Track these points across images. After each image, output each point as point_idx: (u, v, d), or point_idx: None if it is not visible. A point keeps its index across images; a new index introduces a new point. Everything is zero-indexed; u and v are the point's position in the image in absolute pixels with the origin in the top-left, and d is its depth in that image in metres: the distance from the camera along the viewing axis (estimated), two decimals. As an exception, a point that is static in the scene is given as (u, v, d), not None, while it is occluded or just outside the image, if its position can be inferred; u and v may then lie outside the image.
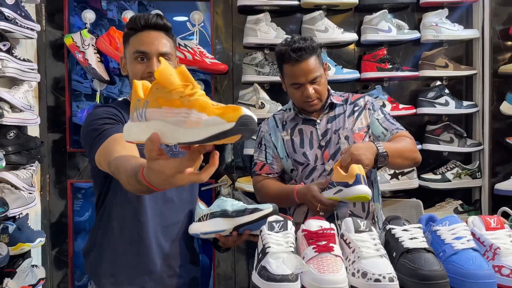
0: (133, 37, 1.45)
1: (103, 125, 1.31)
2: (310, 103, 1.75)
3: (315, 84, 1.73)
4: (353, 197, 1.46)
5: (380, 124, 1.80)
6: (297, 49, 1.68)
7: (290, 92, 1.80)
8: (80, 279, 2.94)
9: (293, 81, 1.74)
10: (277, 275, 1.02)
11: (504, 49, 2.57)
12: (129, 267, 1.43)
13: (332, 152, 1.77)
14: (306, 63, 1.69)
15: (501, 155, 2.58)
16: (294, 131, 1.83)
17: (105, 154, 1.20)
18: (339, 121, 1.80)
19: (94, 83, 2.62)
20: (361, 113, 1.82)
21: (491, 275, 1.05)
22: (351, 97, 1.87)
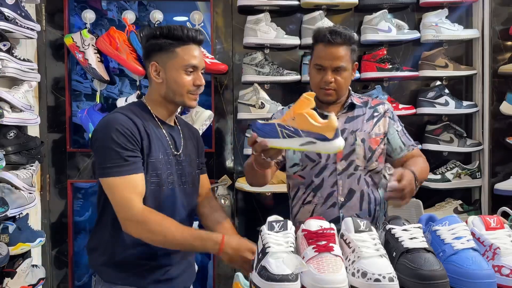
0: (181, 48, 1.49)
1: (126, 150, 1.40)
2: (326, 91, 1.71)
3: (337, 74, 1.70)
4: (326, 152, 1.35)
5: (400, 137, 1.80)
6: (334, 32, 1.68)
7: (311, 75, 1.76)
8: (80, 279, 2.94)
9: (318, 61, 1.70)
10: (277, 275, 1.02)
11: (504, 49, 2.57)
12: (132, 262, 1.47)
13: (346, 152, 1.73)
14: (337, 49, 1.67)
15: (501, 155, 2.58)
16: None
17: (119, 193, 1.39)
18: (357, 123, 1.77)
19: (94, 83, 2.62)
20: (380, 119, 1.80)
21: (491, 275, 1.05)
22: (371, 101, 1.85)
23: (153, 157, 1.46)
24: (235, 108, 2.62)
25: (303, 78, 2.55)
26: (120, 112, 1.48)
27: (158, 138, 1.50)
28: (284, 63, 2.63)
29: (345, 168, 1.73)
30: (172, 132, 1.58)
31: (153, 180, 1.46)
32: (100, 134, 1.44)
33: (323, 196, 1.74)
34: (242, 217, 2.68)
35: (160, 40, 1.50)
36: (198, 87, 1.53)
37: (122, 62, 2.50)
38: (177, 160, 1.55)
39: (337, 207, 1.73)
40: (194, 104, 1.55)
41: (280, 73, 2.52)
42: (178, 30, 1.48)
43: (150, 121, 1.51)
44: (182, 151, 1.58)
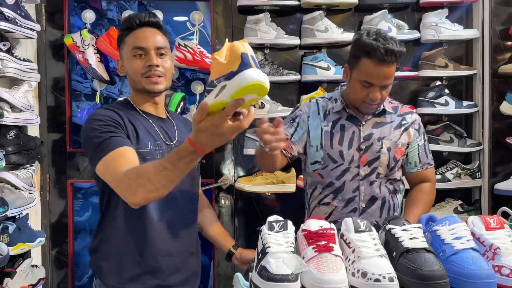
0: (129, 36, 1.49)
1: (106, 133, 1.35)
2: (371, 105, 1.67)
3: (384, 89, 1.65)
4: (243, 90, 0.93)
5: (419, 152, 1.79)
6: (391, 52, 1.57)
7: (354, 87, 1.67)
8: (80, 279, 2.95)
9: (367, 79, 1.62)
10: (277, 275, 1.02)
11: (504, 49, 2.57)
12: (134, 265, 1.45)
13: (370, 158, 1.71)
14: (389, 68, 1.60)
15: (501, 155, 2.58)
16: (336, 124, 1.75)
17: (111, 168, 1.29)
18: (385, 129, 1.74)
19: (94, 83, 2.62)
20: (407, 129, 1.77)
21: (491, 275, 1.05)
22: (400, 108, 1.81)
23: (141, 147, 1.44)
24: (235, 108, 2.61)
25: (303, 78, 2.55)
26: (103, 107, 1.50)
27: (145, 129, 1.48)
28: (284, 63, 2.63)
29: (368, 174, 1.72)
30: (162, 124, 1.56)
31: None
32: (83, 130, 1.44)
33: (344, 200, 1.72)
34: (242, 217, 2.68)
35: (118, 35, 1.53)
36: (150, 68, 1.46)
37: (122, 62, 2.50)
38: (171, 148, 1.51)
39: (357, 213, 1.71)
40: (155, 87, 1.48)
41: (280, 73, 2.52)
42: (125, 21, 1.50)
43: (135, 114, 1.51)
44: (177, 141, 1.55)
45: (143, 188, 1.21)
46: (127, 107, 1.53)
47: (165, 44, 1.52)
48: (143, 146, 1.45)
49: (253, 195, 2.61)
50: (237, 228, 2.67)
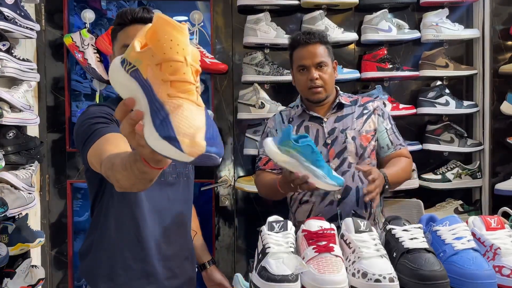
0: (121, 32, 1.43)
1: (95, 124, 1.28)
2: (314, 89, 1.78)
3: (320, 71, 1.77)
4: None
5: (388, 135, 1.85)
6: (307, 33, 1.79)
7: (297, 80, 1.83)
8: (80, 279, 2.94)
9: (300, 63, 1.79)
10: (277, 275, 1.02)
11: (505, 49, 2.57)
12: (127, 270, 1.41)
13: (338, 150, 1.79)
14: (314, 47, 1.77)
15: (501, 155, 2.57)
16: (300, 128, 1.85)
17: (97, 154, 1.17)
18: (346, 121, 1.83)
19: (94, 83, 2.62)
20: (370, 116, 1.85)
21: (492, 275, 1.05)
22: (360, 99, 1.90)
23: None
24: (235, 108, 2.62)
25: (303, 78, 2.55)
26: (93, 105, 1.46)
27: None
28: (284, 63, 2.62)
29: (339, 165, 1.78)
30: None
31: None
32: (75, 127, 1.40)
33: (320, 195, 1.77)
34: (242, 217, 2.68)
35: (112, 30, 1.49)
36: None
37: (121, 62, 2.49)
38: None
39: (334, 204, 1.77)
40: None
41: (280, 73, 2.52)
42: (118, 16, 1.44)
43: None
44: None
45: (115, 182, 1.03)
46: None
47: None
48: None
49: (253, 195, 2.61)
50: (237, 228, 2.67)
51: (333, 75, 1.83)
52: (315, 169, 1.51)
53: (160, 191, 1.44)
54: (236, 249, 2.66)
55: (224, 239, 2.67)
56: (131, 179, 0.94)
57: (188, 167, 1.56)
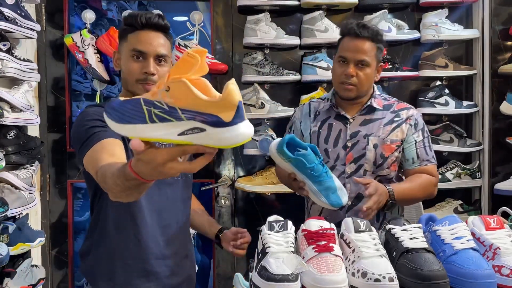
0: (132, 34, 1.42)
1: (92, 127, 1.28)
2: (346, 86, 1.68)
3: (360, 69, 1.66)
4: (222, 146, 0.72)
5: (416, 148, 1.73)
6: (362, 26, 1.66)
7: (333, 69, 1.74)
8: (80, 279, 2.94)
9: (342, 53, 1.69)
10: (277, 275, 1.02)
11: (504, 49, 2.57)
12: (126, 269, 1.41)
13: (356, 155, 1.70)
14: (363, 42, 1.66)
15: (501, 155, 2.58)
16: (324, 124, 1.77)
17: (93, 161, 1.18)
18: (373, 126, 1.72)
19: (94, 83, 2.62)
20: (400, 125, 1.73)
21: (491, 275, 1.05)
22: (396, 105, 1.78)
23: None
24: (235, 108, 2.61)
25: (303, 78, 2.55)
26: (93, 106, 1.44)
27: None
28: (284, 63, 2.63)
29: (354, 171, 1.70)
30: None
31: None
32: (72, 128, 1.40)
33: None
34: (242, 217, 2.68)
35: (121, 28, 1.47)
36: (146, 76, 1.39)
37: (122, 62, 2.50)
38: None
39: (344, 211, 1.70)
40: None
41: (280, 73, 2.52)
42: (132, 16, 1.42)
43: None
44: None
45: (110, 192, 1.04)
46: None
47: (167, 51, 1.45)
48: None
49: (253, 195, 2.62)
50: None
51: (372, 77, 1.71)
52: (309, 183, 1.49)
53: (159, 191, 1.45)
54: (236, 249, 2.66)
55: (224, 239, 2.67)
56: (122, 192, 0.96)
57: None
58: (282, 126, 2.70)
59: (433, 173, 1.76)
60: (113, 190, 0.97)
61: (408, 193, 1.65)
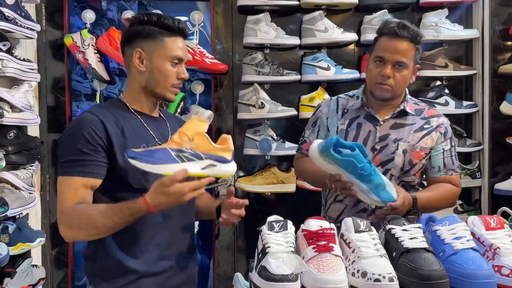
0: (169, 39, 1.45)
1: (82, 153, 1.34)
2: (383, 86, 1.62)
3: (397, 71, 1.61)
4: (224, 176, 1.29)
5: (444, 157, 1.71)
6: (402, 26, 1.61)
7: (369, 69, 1.68)
8: (80, 279, 2.95)
9: (379, 53, 1.62)
10: (277, 275, 1.02)
11: (504, 49, 2.57)
12: (128, 270, 1.42)
13: (384, 159, 1.66)
14: (402, 43, 1.60)
15: (501, 155, 2.58)
16: (352, 122, 1.72)
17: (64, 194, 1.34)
18: (403, 131, 1.68)
19: (94, 83, 2.62)
20: (430, 133, 1.69)
21: (491, 275, 1.05)
22: (426, 111, 1.74)
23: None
24: (235, 108, 2.62)
25: (303, 78, 2.56)
26: (90, 111, 1.42)
27: (136, 132, 1.44)
28: (284, 63, 2.63)
29: None
30: (155, 124, 1.52)
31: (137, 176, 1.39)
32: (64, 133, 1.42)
33: (354, 199, 1.66)
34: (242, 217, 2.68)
35: (148, 27, 1.44)
36: (181, 81, 1.50)
37: (122, 62, 2.49)
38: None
39: (366, 214, 1.67)
40: (174, 98, 1.52)
41: (280, 73, 2.52)
42: (169, 20, 1.45)
43: (126, 116, 1.46)
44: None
45: (85, 231, 1.33)
46: (118, 108, 1.48)
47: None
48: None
49: (253, 195, 2.62)
50: (237, 228, 2.67)
51: (408, 79, 1.65)
52: (358, 183, 1.44)
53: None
54: (236, 249, 2.67)
55: (224, 239, 2.67)
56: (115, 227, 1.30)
57: None
58: (282, 126, 2.71)
59: (457, 183, 1.74)
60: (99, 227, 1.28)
61: (430, 202, 1.63)
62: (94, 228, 1.30)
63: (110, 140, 1.37)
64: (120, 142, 1.38)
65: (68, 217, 1.33)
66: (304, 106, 2.56)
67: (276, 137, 2.55)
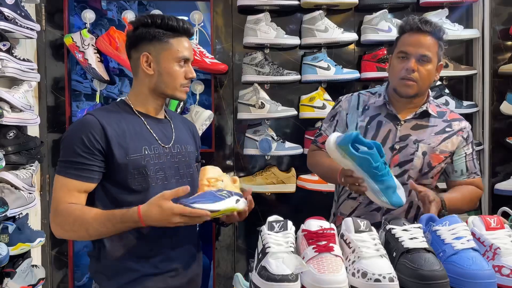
0: (175, 40, 1.46)
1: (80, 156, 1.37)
2: (407, 81, 1.60)
3: (421, 64, 1.59)
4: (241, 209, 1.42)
5: (466, 161, 1.69)
6: (424, 21, 1.60)
7: (392, 66, 1.66)
8: (80, 279, 2.95)
9: (403, 48, 1.61)
10: (277, 275, 1.02)
11: (504, 49, 2.57)
12: (132, 269, 1.42)
13: (402, 159, 1.64)
14: (425, 37, 1.59)
15: (501, 155, 2.58)
16: (373, 120, 1.70)
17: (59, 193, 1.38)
18: (424, 133, 1.66)
19: (94, 83, 2.62)
20: (451, 136, 1.67)
21: (491, 275, 1.05)
22: (448, 114, 1.72)
23: (133, 155, 1.41)
24: (235, 108, 2.62)
25: (303, 78, 2.56)
26: (92, 114, 1.43)
27: (137, 133, 1.45)
28: (284, 63, 2.63)
29: (398, 175, 1.62)
30: (159, 125, 1.53)
31: (137, 178, 1.41)
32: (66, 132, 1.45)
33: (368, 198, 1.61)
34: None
35: (152, 29, 1.45)
36: (189, 81, 1.51)
37: (122, 62, 2.50)
38: (171, 153, 1.50)
39: (380, 213, 1.67)
40: (184, 97, 1.53)
41: (280, 73, 2.52)
42: (173, 21, 1.46)
43: (129, 118, 1.47)
44: (174, 143, 1.53)
45: (76, 233, 1.36)
46: (122, 109, 1.49)
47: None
48: (135, 153, 1.41)
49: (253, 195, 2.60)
50: (237, 228, 2.67)
51: (432, 75, 1.63)
52: (370, 182, 1.44)
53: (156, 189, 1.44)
54: (236, 249, 2.66)
55: (224, 239, 2.67)
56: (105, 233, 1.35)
57: (192, 167, 1.57)
58: (282, 126, 2.71)
59: (480, 185, 1.74)
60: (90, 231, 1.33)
61: (456, 204, 1.61)
62: (85, 231, 1.33)
63: (109, 143, 1.39)
64: (121, 144, 1.40)
65: (61, 217, 1.36)
66: (304, 106, 2.56)
67: (276, 137, 2.55)
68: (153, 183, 1.43)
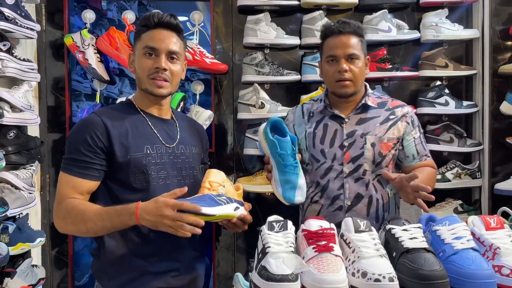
0: (145, 33, 1.49)
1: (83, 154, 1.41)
2: (342, 82, 1.66)
3: (351, 63, 1.66)
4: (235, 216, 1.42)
5: (415, 145, 1.75)
6: (342, 22, 1.68)
7: (324, 71, 1.72)
8: (80, 279, 2.95)
9: (330, 53, 1.67)
10: (277, 275, 1.02)
11: (504, 49, 2.57)
12: (135, 269, 1.43)
13: (354, 155, 1.69)
14: (347, 37, 1.66)
15: (501, 155, 2.58)
16: (319, 125, 1.75)
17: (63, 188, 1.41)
18: (369, 125, 1.71)
19: (94, 83, 2.62)
20: (396, 122, 1.73)
21: (491, 275, 1.05)
22: (390, 102, 1.78)
23: (134, 154, 1.42)
24: (235, 108, 2.62)
25: (303, 78, 2.56)
26: (96, 113, 1.46)
27: (140, 132, 1.46)
28: (284, 63, 2.63)
29: (352, 171, 1.69)
30: (164, 126, 1.54)
31: (138, 177, 1.42)
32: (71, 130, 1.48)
33: (329, 198, 1.70)
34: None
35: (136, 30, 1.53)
36: (158, 70, 1.46)
37: (122, 62, 2.50)
38: (174, 153, 1.51)
39: (343, 211, 1.69)
40: (158, 91, 1.47)
41: (280, 73, 2.52)
42: (145, 17, 1.50)
43: (133, 117, 1.49)
44: (178, 143, 1.54)
45: (76, 227, 1.37)
46: (127, 108, 1.52)
47: (179, 49, 1.51)
48: (136, 152, 1.43)
49: (253, 195, 2.62)
50: (237, 228, 2.67)
51: (364, 71, 1.70)
52: (275, 170, 1.53)
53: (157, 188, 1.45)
54: (236, 249, 2.66)
55: (224, 239, 2.67)
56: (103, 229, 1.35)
57: (196, 168, 1.58)
58: (282, 126, 2.71)
59: (433, 165, 1.81)
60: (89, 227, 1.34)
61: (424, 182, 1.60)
62: (84, 225, 1.35)
63: (111, 142, 1.41)
64: (122, 143, 1.42)
65: (64, 210, 1.38)
66: (304, 106, 2.56)
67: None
68: (154, 182, 1.44)
